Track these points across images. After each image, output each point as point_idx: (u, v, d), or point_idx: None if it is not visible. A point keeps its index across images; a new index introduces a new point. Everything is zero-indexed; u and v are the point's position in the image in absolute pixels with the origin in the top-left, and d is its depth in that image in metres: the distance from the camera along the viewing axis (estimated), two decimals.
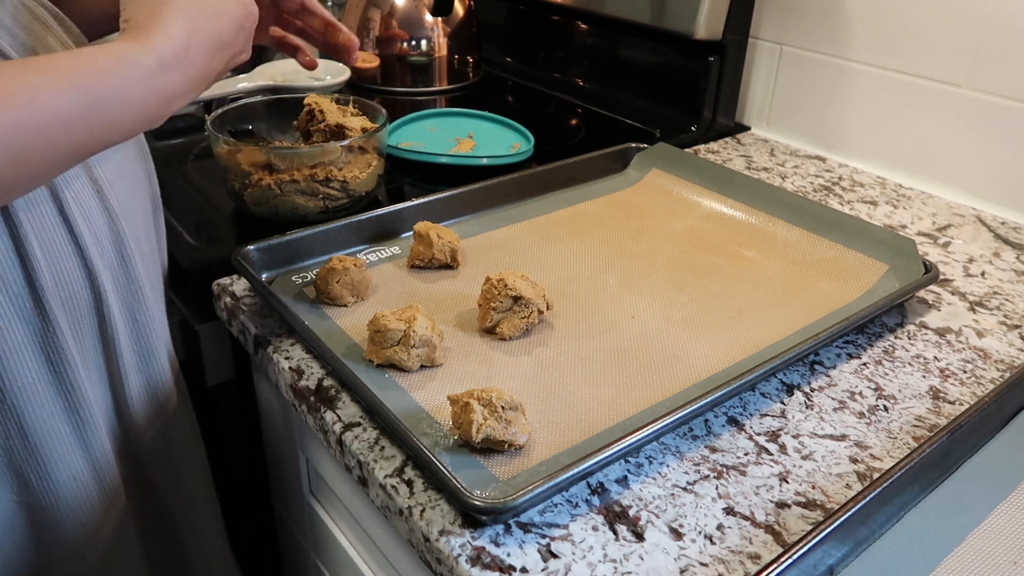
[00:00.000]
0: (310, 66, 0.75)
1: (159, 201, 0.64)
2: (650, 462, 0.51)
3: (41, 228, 0.49)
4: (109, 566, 0.59)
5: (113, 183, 0.54)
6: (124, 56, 0.43)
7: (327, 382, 0.56)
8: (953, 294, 0.71)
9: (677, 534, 0.46)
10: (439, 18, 1.20)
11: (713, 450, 0.52)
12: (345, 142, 0.76)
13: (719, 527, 0.46)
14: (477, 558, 0.43)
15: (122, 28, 0.47)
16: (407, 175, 0.90)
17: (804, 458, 0.52)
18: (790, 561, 0.42)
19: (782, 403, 0.57)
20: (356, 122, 0.80)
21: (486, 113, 1.03)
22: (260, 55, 1.37)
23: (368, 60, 1.19)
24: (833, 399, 0.57)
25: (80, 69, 0.42)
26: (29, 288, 0.48)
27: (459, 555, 0.44)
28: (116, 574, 0.60)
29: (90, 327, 0.53)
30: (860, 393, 0.58)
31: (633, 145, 0.91)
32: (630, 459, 0.51)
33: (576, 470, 0.46)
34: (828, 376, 0.60)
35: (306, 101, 0.81)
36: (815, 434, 0.54)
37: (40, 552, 0.54)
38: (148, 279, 0.58)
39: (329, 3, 1.57)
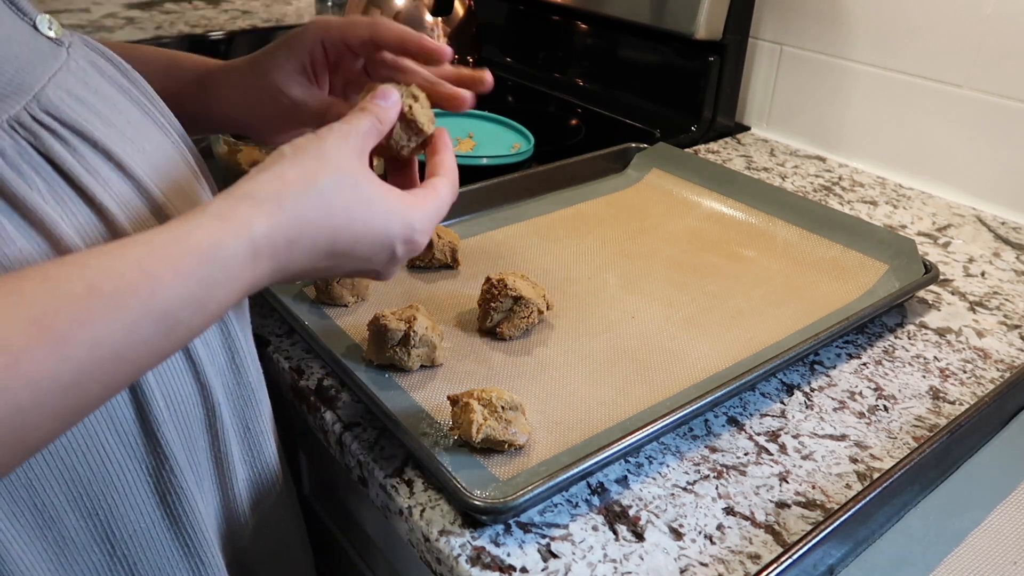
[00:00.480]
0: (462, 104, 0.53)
1: None
2: (650, 462, 0.51)
3: None
4: None
5: None
6: (213, 251, 0.34)
7: (327, 382, 0.56)
8: (953, 294, 0.71)
9: (677, 534, 0.46)
10: (439, 18, 1.20)
11: (713, 450, 0.52)
12: None
13: (719, 527, 0.46)
14: (477, 558, 0.43)
15: (237, 184, 0.38)
16: None
17: (804, 458, 0.52)
18: (790, 561, 0.42)
19: (782, 403, 0.57)
20: None
21: (486, 113, 1.03)
22: None
23: None
24: (833, 399, 0.57)
25: (159, 284, 0.32)
26: (140, 422, 0.41)
27: (459, 555, 0.44)
28: None
29: (203, 447, 0.46)
30: (860, 393, 0.58)
31: (633, 145, 0.91)
32: (630, 459, 0.51)
33: (576, 470, 0.46)
34: (828, 376, 0.60)
35: None
36: (815, 434, 0.54)
37: None
38: (256, 371, 0.51)
39: (329, 3, 1.58)
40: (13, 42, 0.38)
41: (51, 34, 0.41)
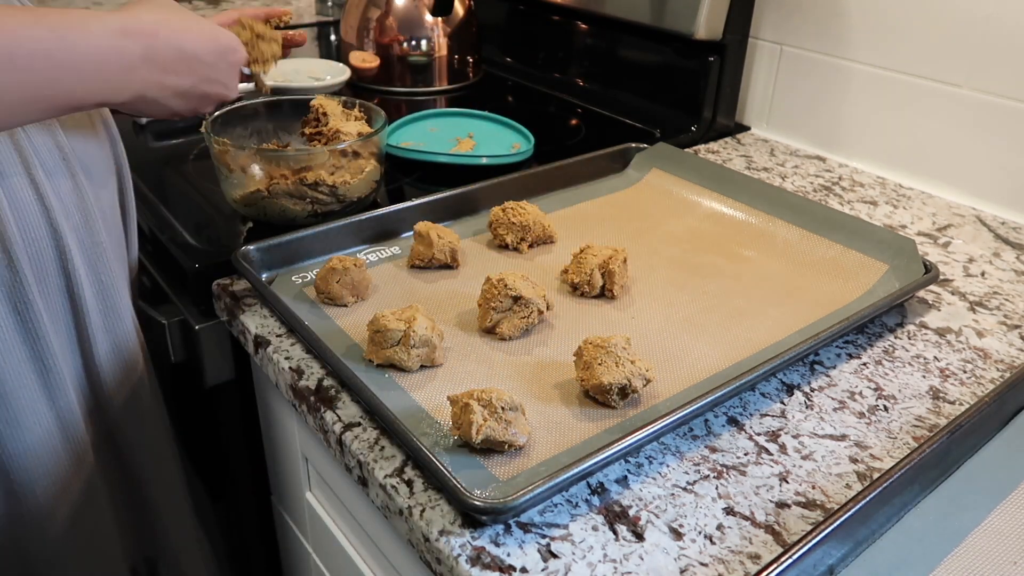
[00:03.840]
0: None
1: (126, 173, 0.67)
2: (650, 462, 0.51)
3: (9, 187, 0.52)
4: (78, 524, 0.60)
5: (78, 151, 0.58)
6: (91, 14, 0.50)
7: (327, 382, 0.56)
8: (953, 294, 0.71)
9: (677, 534, 0.46)
10: (439, 18, 1.20)
11: (713, 450, 0.52)
12: (332, 146, 0.75)
13: (719, 527, 0.46)
14: (477, 558, 0.43)
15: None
16: (407, 175, 0.91)
17: (804, 458, 0.52)
18: (790, 561, 0.42)
19: (782, 403, 0.57)
20: (354, 126, 0.79)
21: (486, 113, 1.03)
22: None
23: (368, 60, 1.19)
24: (833, 399, 0.57)
25: (49, 13, 0.47)
26: None
27: (459, 555, 0.44)
28: (85, 532, 0.61)
29: (56, 285, 0.57)
30: (860, 393, 0.58)
31: (633, 145, 0.91)
32: (630, 459, 0.51)
33: (576, 470, 0.46)
34: (828, 376, 0.60)
35: (312, 103, 0.80)
36: (815, 434, 0.54)
37: (11, 506, 0.57)
38: (112, 244, 0.62)
39: (329, 3, 1.58)
40: None
41: None
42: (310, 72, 1.17)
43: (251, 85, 0.71)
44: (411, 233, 0.72)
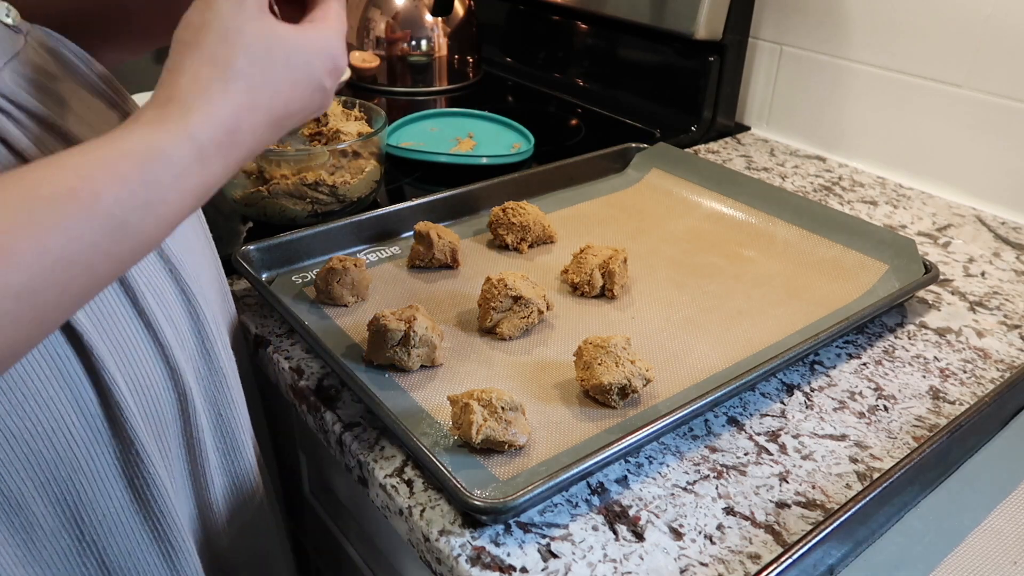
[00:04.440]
0: None
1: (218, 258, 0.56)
2: (650, 462, 0.51)
3: (114, 331, 0.41)
4: None
5: (182, 256, 0.46)
6: (153, 152, 0.33)
7: (327, 382, 0.56)
8: (953, 294, 0.71)
9: (677, 534, 0.46)
10: (439, 18, 1.20)
11: (713, 450, 0.52)
12: (332, 146, 0.76)
13: (719, 527, 0.46)
14: (477, 558, 0.43)
15: (156, 91, 0.36)
16: (407, 175, 0.91)
17: (804, 458, 0.52)
18: (790, 561, 0.42)
19: (782, 403, 0.57)
20: (354, 127, 0.80)
21: (486, 113, 1.03)
22: None
23: (368, 60, 1.19)
24: (833, 399, 0.57)
25: (100, 187, 0.32)
26: (104, 406, 0.41)
27: (459, 555, 0.44)
28: None
29: (175, 434, 0.46)
30: (860, 393, 0.58)
31: (633, 145, 0.91)
32: (630, 459, 0.51)
33: (576, 470, 0.46)
34: (828, 376, 0.60)
35: None
36: (815, 434, 0.54)
37: None
38: (229, 360, 0.51)
39: None
40: None
41: (8, 21, 0.41)
42: None
43: None
44: (411, 233, 0.72)
